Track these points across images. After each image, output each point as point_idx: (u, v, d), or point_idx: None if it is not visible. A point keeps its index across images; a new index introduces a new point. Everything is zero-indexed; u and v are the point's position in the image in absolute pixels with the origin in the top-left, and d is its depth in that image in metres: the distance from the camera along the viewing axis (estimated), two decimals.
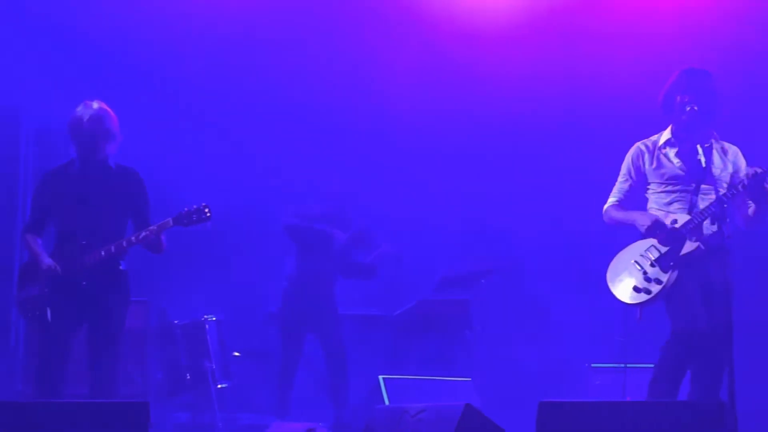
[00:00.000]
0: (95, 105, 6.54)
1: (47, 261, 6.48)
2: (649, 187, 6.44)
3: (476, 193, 9.95)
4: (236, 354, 9.25)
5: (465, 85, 9.75)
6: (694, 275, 6.14)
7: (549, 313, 9.60)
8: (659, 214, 6.29)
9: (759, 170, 5.99)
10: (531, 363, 9.41)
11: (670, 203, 6.31)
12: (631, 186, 6.50)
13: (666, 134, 6.42)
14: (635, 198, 6.55)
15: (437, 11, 9.65)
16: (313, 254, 8.46)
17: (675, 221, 6.20)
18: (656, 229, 6.21)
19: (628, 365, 7.51)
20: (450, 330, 9.00)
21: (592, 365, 8.46)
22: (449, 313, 9.03)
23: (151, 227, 6.47)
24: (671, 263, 6.14)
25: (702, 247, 6.11)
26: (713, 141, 6.29)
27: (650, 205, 6.42)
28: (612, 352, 8.42)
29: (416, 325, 9.02)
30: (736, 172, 6.30)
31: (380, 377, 8.09)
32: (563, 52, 9.48)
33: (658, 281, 6.15)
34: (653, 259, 6.19)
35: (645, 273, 6.19)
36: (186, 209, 6.50)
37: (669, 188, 6.33)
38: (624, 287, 6.24)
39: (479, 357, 9.08)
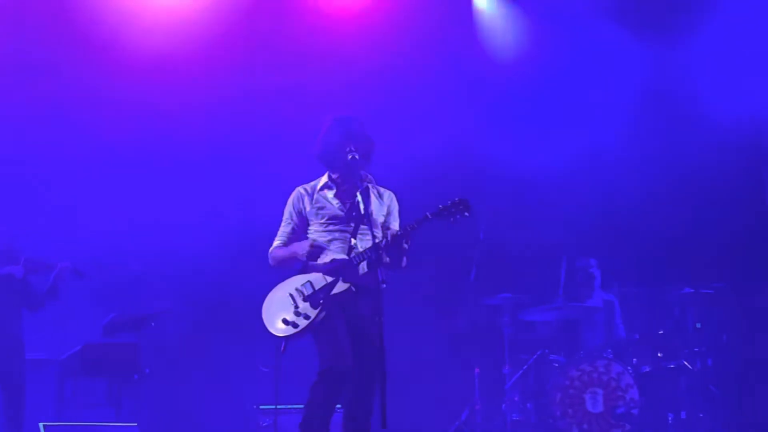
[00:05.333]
0: None
1: None
2: (310, 227, 6.57)
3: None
4: None
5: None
6: (344, 314, 6.30)
7: (219, 353, 9.60)
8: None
9: (399, 232, 6.25)
10: (201, 405, 9.38)
11: (330, 241, 6.46)
12: (293, 229, 6.62)
13: (324, 179, 6.61)
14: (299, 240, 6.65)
15: None
16: None
17: (334, 260, 6.37)
18: (315, 252, 6.37)
19: (279, 407, 7.63)
20: (118, 374, 8.87)
21: (260, 407, 8.52)
22: (117, 356, 8.89)
23: None
24: (321, 300, 6.28)
25: (353, 288, 6.31)
26: (369, 185, 6.50)
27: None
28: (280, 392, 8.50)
29: (83, 369, 8.82)
30: (389, 214, 6.57)
31: (41, 424, 7.84)
32: None
33: (307, 316, 6.26)
34: (306, 294, 6.33)
35: (296, 307, 6.30)
36: None
37: (330, 227, 6.48)
38: (275, 319, 6.32)
39: (147, 400, 8.97)
